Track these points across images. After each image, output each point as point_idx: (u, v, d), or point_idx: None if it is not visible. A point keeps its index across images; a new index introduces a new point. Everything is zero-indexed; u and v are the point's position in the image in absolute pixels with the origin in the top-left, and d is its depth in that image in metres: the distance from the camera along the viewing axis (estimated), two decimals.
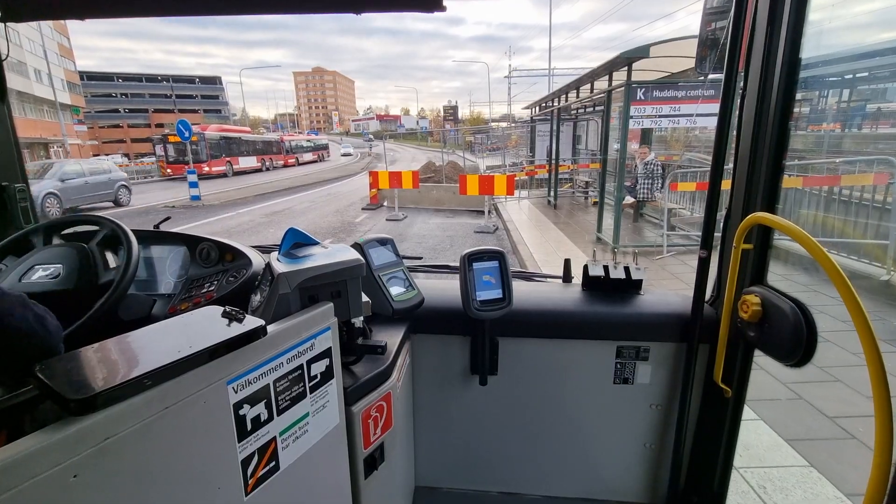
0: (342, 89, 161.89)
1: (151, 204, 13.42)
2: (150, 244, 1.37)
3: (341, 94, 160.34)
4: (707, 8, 1.15)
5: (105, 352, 0.62)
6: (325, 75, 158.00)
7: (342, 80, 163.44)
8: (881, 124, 9.00)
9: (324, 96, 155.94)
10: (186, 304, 1.20)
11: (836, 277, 0.74)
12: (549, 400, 1.40)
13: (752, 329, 1.06)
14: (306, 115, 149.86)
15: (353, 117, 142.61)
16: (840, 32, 5.29)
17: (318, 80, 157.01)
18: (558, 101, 12.09)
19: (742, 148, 1.12)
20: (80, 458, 0.49)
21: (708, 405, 1.30)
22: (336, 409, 0.89)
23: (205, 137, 24.25)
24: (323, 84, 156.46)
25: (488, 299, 1.23)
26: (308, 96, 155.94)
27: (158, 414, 0.57)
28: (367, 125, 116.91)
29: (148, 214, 2.27)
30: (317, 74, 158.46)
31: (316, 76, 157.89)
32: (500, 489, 1.51)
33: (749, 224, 0.99)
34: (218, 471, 0.66)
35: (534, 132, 15.10)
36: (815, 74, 7.26)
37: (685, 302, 1.28)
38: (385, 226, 9.37)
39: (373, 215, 10.76)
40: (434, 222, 9.67)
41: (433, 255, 6.76)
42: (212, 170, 24.52)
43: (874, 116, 9.04)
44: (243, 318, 0.70)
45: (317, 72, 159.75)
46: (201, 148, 24.08)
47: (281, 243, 0.97)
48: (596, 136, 12.69)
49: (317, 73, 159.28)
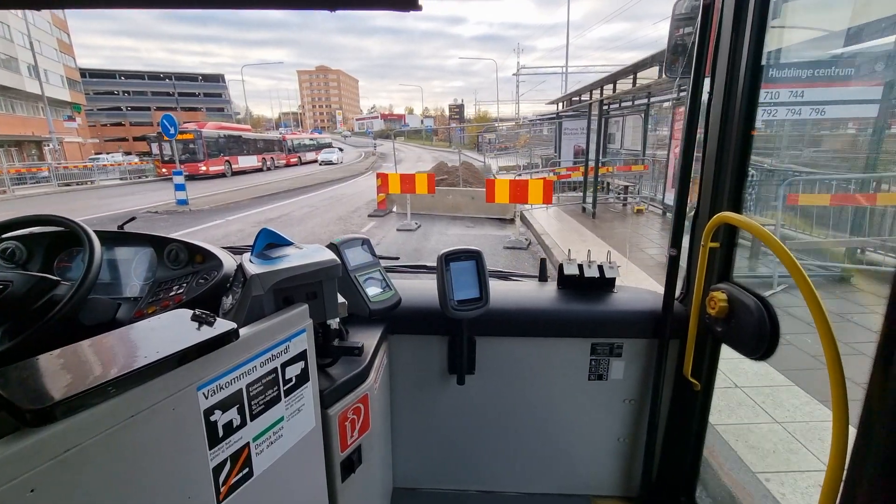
0: (346, 88, 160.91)
1: (133, 208, 12.10)
2: (114, 245, 1.29)
3: (345, 93, 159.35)
4: (675, 14, 1.17)
5: (65, 359, 0.59)
6: (329, 74, 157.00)
7: (346, 78, 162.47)
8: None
9: (328, 95, 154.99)
10: (154, 307, 1.13)
11: (795, 273, 0.78)
12: (525, 398, 1.42)
13: (719, 324, 1.09)
14: (310, 114, 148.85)
15: (356, 116, 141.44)
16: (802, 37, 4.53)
17: (323, 79, 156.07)
18: (591, 94, 10.67)
19: (709, 150, 1.15)
20: (37, 471, 0.47)
21: (678, 398, 1.34)
22: (312, 412, 0.88)
23: (202, 135, 22.96)
24: (327, 83, 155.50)
25: (466, 299, 1.23)
26: (312, 95, 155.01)
27: (124, 423, 0.55)
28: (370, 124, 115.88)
29: (117, 222, 1.33)
30: (321, 73, 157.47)
31: (320, 75, 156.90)
32: (479, 488, 1.52)
33: (716, 223, 1.03)
34: (188, 480, 0.64)
35: (560, 129, 13.66)
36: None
37: (656, 299, 1.32)
38: (396, 238, 8.01)
39: (381, 223, 9.41)
40: (453, 233, 8.31)
41: None
42: (209, 169, 23.22)
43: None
44: (214, 321, 0.68)
45: (321, 70, 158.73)
46: (198, 147, 22.82)
47: (254, 244, 0.95)
48: (631, 134, 11.27)
49: (321, 71, 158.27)
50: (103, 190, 18.78)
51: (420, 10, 0.88)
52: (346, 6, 0.89)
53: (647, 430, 1.36)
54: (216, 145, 24.18)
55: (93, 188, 19.63)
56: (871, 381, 0.50)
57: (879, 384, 0.49)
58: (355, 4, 0.90)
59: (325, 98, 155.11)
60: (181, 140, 23.02)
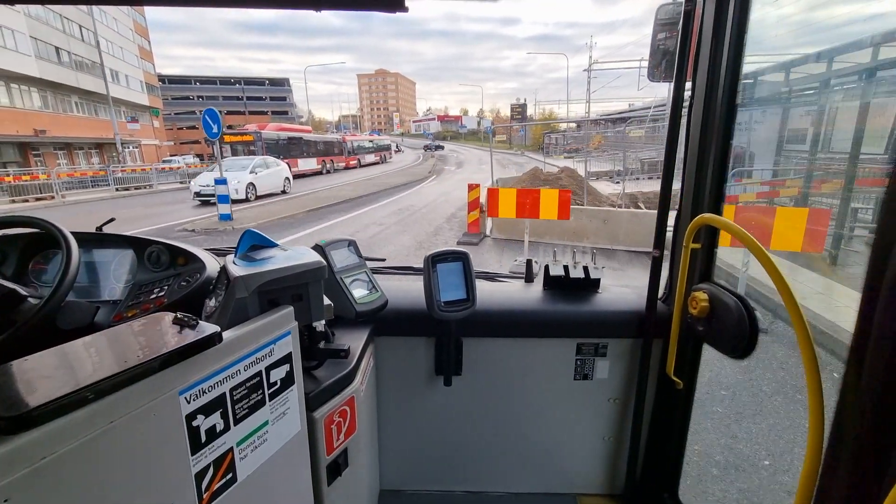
0: (403, 91, 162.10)
1: (171, 223, 10.25)
2: (93, 247, 1.24)
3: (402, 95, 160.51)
4: (658, 19, 1.17)
5: (41, 364, 0.58)
6: (387, 77, 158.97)
7: (404, 81, 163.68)
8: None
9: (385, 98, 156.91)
10: (134, 310, 1.10)
11: (773, 274, 0.78)
12: (512, 398, 1.42)
13: (700, 324, 1.09)
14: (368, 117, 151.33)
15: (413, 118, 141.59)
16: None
17: (381, 82, 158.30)
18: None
19: (690, 153, 1.17)
20: (11, 480, 0.46)
21: (662, 397, 1.34)
22: (297, 415, 0.87)
23: (262, 137, 21.69)
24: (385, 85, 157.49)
25: (452, 300, 1.22)
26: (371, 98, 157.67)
27: (102, 429, 0.53)
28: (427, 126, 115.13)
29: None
30: (379, 76, 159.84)
31: (378, 78, 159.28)
32: (465, 488, 1.52)
33: (697, 225, 1.04)
34: (169, 487, 0.63)
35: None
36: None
37: (640, 300, 1.32)
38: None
39: (480, 256, 6.60)
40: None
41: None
42: None
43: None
44: (196, 325, 0.67)
45: (379, 73, 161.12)
46: (258, 149, 21.53)
47: (237, 245, 0.94)
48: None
49: (379, 74, 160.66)
50: (157, 196, 17.79)
51: (406, 10, 0.86)
52: (330, 6, 0.89)
53: (632, 428, 1.36)
54: (276, 147, 22.88)
55: (149, 193, 18.83)
56: (845, 376, 0.51)
57: (853, 380, 0.51)
58: (340, 4, 0.89)
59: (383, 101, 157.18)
60: (240, 142, 21.96)
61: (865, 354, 0.49)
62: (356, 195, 14.63)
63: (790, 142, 7.72)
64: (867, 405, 0.50)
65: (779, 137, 7.78)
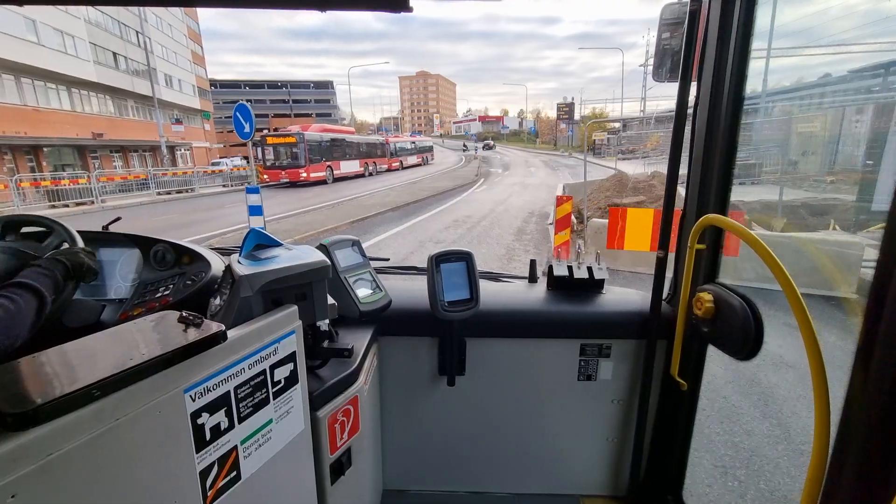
0: (444, 92, 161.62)
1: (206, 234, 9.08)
2: (99, 246, 1.23)
3: (443, 96, 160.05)
4: (663, 19, 1.17)
5: (48, 361, 0.59)
6: (428, 79, 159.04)
7: (444, 82, 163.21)
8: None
9: (426, 99, 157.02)
10: (139, 309, 1.11)
11: (780, 276, 0.76)
12: (515, 398, 1.41)
13: (705, 325, 1.08)
14: (409, 119, 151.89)
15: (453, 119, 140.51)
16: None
17: (422, 84, 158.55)
18: None
19: (696, 153, 1.16)
20: (18, 476, 0.46)
21: (666, 399, 1.33)
22: (301, 414, 0.87)
23: (304, 139, 20.75)
24: (426, 87, 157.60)
25: (456, 300, 1.21)
26: (412, 99, 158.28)
27: (108, 426, 0.54)
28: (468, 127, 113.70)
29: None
30: (420, 78, 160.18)
31: (419, 80, 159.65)
32: (468, 489, 1.50)
33: (703, 225, 1.03)
34: (174, 484, 0.63)
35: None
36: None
37: (644, 300, 1.31)
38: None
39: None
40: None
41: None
42: (310, 176, 20.93)
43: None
44: (201, 323, 0.67)
45: (421, 75, 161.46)
46: (300, 151, 20.65)
47: (242, 244, 0.94)
48: None
49: (421, 76, 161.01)
50: (198, 200, 17.07)
51: (411, 10, 0.84)
52: (334, 6, 0.88)
53: (636, 430, 1.35)
54: (318, 149, 21.96)
55: (191, 197, 18.17)
56: (852, 378, 0.50)
57: (860, 381, 0.50)
58: (344, 5, 0.89)
59: (424, 102, 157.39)
60: (283, 144, 21.17)
61: (872, 355, 0.48)
62: (402, 202, 13.13)
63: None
64: (874, 407, 0.49)
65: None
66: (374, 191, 17.22)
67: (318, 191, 18.38)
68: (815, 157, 8.24)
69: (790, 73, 10.94)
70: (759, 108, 9.75)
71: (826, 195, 7.29)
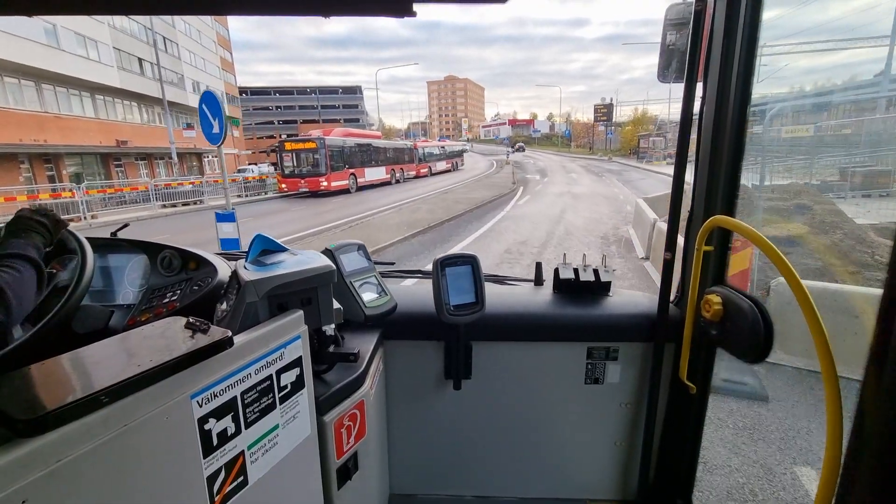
0: (472, 96, 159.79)
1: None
2: (107, 252, 1.26)
3: (471, 101, 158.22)
4: (667, 19, 1.16)
5: (57, 368, 0.60)
6: (456, 83, 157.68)
7: (473, 87, 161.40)
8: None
9: (454, 104, 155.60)
10: (147, 314, 1.12)
11: (789, 277, 0.76)
12: (522, 402, 1.40)
13: (714, 328, 1.07)
14: (437, 123, 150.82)
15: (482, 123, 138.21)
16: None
17: (450, 88, 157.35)
18: None
19: (702, 154, 1.15)
20: (29, 482, 0.47)
21: (674, 402, 1.31)
22: (307, 419, 0.88)
23: (325, 144, 18.89)
24: (454, 91, 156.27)
25: (462, 304, 1.22)
26: (440, 104, 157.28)
27: (116, 432, 0.54)
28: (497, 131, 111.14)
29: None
30: (448, 82, 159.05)
31: (447, 84, 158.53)
32: (475, 493, 1.49)
33: (710, 227, 1.03)
34: (182, 489, 0.64)
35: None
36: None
37: (652, 303, 1.30)
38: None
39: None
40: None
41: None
42: (331, 185, 19.02)
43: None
44: (208, 329, 0.68)
45: (449, 80, 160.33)
46: (321, 158, 18.79)
47: (248, 250, 0.93)
48: None
49: (449, 81, 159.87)
50: (204, 214, 15.00)
51: (414, 15, 0.84)
52: (340, 13, 0.87)
53: (644, 433, 1.34)
54: (341, 156, 20.12)
55: (198, 210, 16.43)
56: (865, 379, 0.50)
57: (873, 382, 0.50)
58: (349, 11, 0.88)
59: (452, 107, 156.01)
60: (302, 150, 19.43)
61: (887, 356, 0.47)
62: (436, 219, 10.90)
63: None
64: (889, 409, 0.48)
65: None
66: (402, 202, 15.12)
67: (339, 201, 16.46)
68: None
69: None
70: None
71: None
